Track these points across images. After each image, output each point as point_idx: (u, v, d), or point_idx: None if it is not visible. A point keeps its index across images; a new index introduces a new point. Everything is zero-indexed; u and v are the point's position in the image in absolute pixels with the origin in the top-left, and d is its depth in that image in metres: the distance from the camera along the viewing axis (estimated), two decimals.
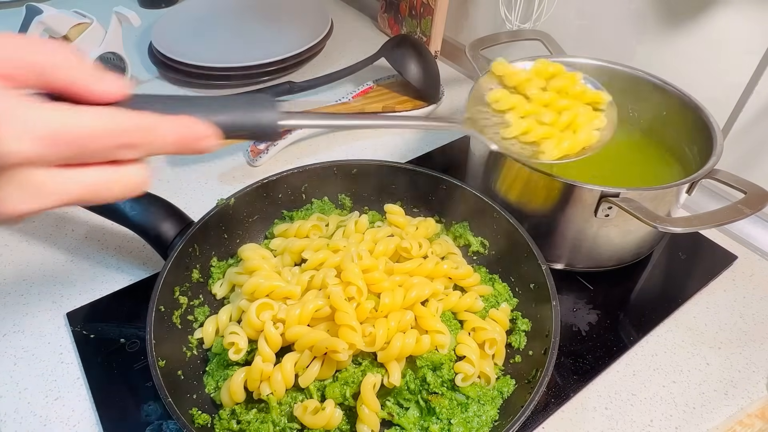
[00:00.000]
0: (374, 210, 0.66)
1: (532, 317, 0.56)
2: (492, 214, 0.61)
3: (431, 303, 0.54)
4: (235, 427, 0.48)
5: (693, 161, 0.64)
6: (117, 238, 0.68)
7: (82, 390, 0.54)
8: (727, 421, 0.54)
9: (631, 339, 0.60)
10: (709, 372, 0.58)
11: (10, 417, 0.52)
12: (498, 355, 0.54)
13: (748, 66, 0.65)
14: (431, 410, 0.49)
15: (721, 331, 0.62)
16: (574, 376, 0.56)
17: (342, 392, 0.49)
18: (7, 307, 0.61)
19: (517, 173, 0.60)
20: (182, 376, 0.51)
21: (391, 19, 1.09)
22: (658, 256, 0.69)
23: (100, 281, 0.64)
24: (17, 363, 0.56)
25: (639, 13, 0.74)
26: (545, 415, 0.53)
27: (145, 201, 0.59)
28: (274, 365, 0.49)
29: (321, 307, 0.50)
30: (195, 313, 0.56)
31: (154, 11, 1.16)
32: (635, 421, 0.54)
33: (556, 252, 0.63)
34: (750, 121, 0.68)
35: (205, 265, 0.59)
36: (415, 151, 0.85)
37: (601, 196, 0.55)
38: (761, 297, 0.65)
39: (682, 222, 0.52)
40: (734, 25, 0.65)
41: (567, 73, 0.56)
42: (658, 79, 0.68)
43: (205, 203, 0.73)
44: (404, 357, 0.50)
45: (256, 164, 0.80)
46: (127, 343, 0.57)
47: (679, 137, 0.67)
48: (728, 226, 0.72)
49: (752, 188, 0.55)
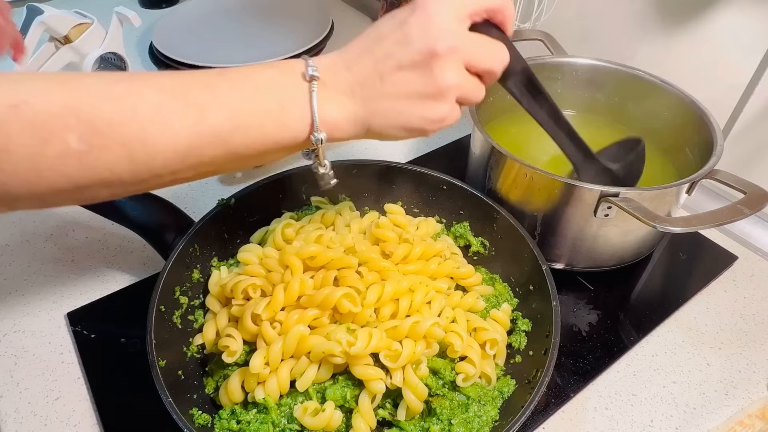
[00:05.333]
0: (374, 210, 0.66)
1: (533, 317, 0.56)
2: (492, 214, 0.61)
3: (434, 302, 0.54)
4: (235, 427, 0.48)
5: (693, 161, 0.64)
6: (117, 238, 0.68)
7: (83, 390, 0.54)
8: (728, 422, 0.53)
9: (631, 339, 0.60)
10: (709, 372, 0.58)
11: (10, 417, 0.52)
12: (499, 356, 0.54)
13: (749, 66, 0.65)
14: (432, 411, 0.49)
15: (722, 332, 0.62)
16: (575, 377, 0.56)
17: (342, 394, 0.49)
18: (7, 307, 0.61)
19: (517, 173, 0.60)
20: (182, 376, 0.51)
21: None
22: (658, 257, 0.69)
23: (100, 281, 0.64)
24: (17, 363, 0.56)
25: (640, 14, 0.74)
26: (545, 415, 0.53)
27: (145, 201, 0.59)
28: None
29: (308, 287, 0.51)
30: (195, 313, 0.56)
31: (155, 11, 1.16)
32: (635, 421, 0.54)
33: (556, 252, 0.63)
34: (750, 121, 0.68)
35: (205, 265, 0.59)
36: (415, 151, 0.85)
37: (600, 196, 0.55)
38: (762, 297, 0.65)
39: (681, 222, 0.52)
40: (735, 25, 0.65)
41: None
42: (659, 80, 0.68)
43: (205, 203, 0.74)
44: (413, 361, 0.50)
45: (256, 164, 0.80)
46: (127, 342, 0.57)
47: (680, 137, 0.67)
48: (728, 227, 0.72)
49: (752, 188, 0.55)
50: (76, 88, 0.34)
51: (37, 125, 0.32)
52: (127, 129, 0.34)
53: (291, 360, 0.50)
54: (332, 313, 0.51)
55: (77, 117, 0.33)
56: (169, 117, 0.35)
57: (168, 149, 0.36)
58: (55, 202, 0.36)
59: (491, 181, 0.64)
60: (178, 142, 0.36)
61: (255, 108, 0.38)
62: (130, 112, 0.34)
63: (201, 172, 0.39)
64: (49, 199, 0.35)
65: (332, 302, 0.49)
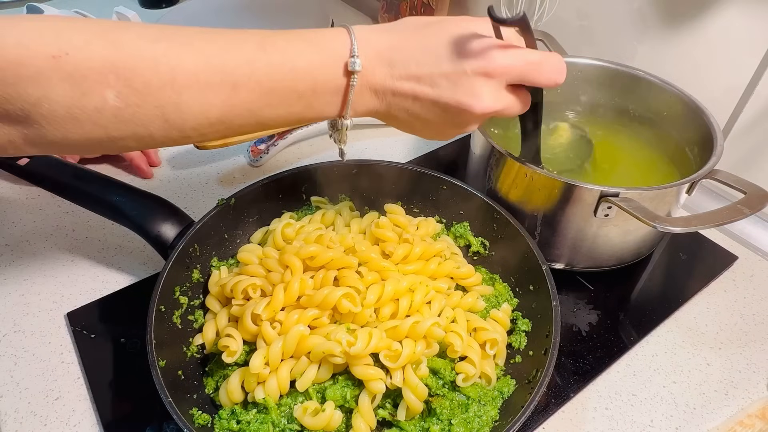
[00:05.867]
0: (374, 210, 0.66)
1: (533, 317, 0.56)
2: (492, 214, 0.61)
3: (434, 302, 0.54)
4: (235, 427, 0.48)
5: (693, 161, 0.64)
6: (117, 238, 0.68)
7: (83, 390, 0.54)
8: (728, 422, 0.53)
9: (631, 339, 0.60)
10: (709, 372, 0.58)
11: (10, 417, 0.52)
12: (499, 356, 0.54)
13: (749, 66, 0.65)
14: (432, 411, 0.49)
15: (722, 332, 0.62)
16: (575, 377, 0.56)
17: (342, 394, 0.49)
18: (7, 307, 0.61)
19: (517, 173, 0.60)
20: (182, 376, 0.51)
21: (392, 19, 1.09)
22: (658, 257, 0.69)
23: (100, 281, 0.64)
24: (17, 363, 0.56)
25: (640, 14, 0.74)
26: (545, 415, 0.53)
27: (145, 201, 0.59)
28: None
29: (308, 287, 0.51)
30: (195, 313, 0.56)
31: (155, 11, 1.16)
32: (636, 421, 0.54)
33: (556, 252, 0.63)
34: (750, 121, 0.68)
35: (205, 265, 0.59)
36: (415, 151, 0.85)
37: (600, 196, 0.55)
38: (762, 297, 0.65)
39: (681, 222, 0.52)
40: (735, 25, 0.65)
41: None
42: (659, 79, 0.68)
43: (205, 203, 0.74)
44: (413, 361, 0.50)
45: (256, 164, 0.80)
46: (127, 343, 0.57)
47: (680, 137, 0.67)
48: (728, 227, 0.72)
49: (752, 188, 0.55)
50: (116, 42, 0.34)
51: (77, 78, 0.33)
52: (163, 93, 0.35)
53: (291, 360, 0.50)
54: (332, 313, 0.51)
55: (116, 74, 0.34)
56: (205, 88, 0.36)
57: (200, 116, 0.37)
58: (87, 150, 0.38)
59: (491, 181, 0.64)
60: (210, 110, 0.37)
61: (288, 91, 0.39)
62: (169, 76, 0.35)
63: (227, 135, 0.41)
64: (81, 148, 0.37)
65: (332, 302, 0.49)
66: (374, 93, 0.41)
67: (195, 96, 0.36)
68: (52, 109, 0.34)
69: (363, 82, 0.40)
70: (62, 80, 0.33)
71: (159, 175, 0.78)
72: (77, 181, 0.60)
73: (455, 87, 0.40)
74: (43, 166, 0.62)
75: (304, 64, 0.39)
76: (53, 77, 0.33)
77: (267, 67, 0.38)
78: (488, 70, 0.40)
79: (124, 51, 0.34)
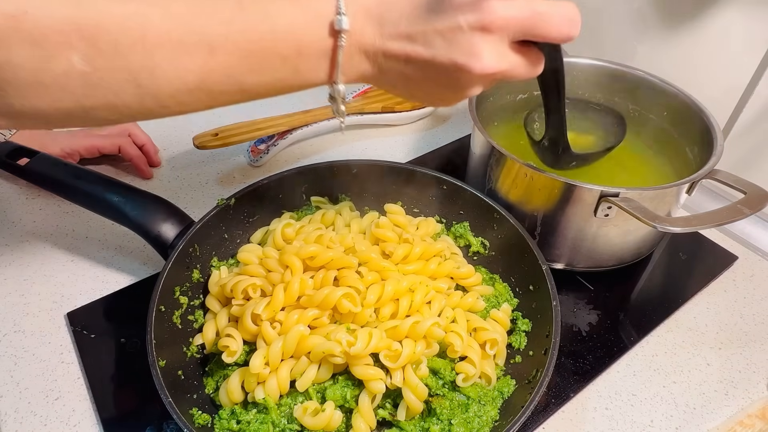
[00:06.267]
0: (374, 210, 0.66)
1: (533, 317, 0.56)
2: (492, 214, 0.61)
3: (434, 302, 0.54)
4: (235, 427, 0.48)
5: (693, 161, 0.64)
6: (117, 238, 0.68)
7: (83, 390, 0.54)
8: (728, 422, 0.53)
9: (631, 339, 0.60)
10: (709, 372, 0.58)
11: (10, 417, 0.52)
12: (499, 356, 0.54)
13: (749, 66, 0.65)
14: (432, 411, 0.49)
15: (722, 332, 0.62)
16: (575, 377, 0.56)
17: (342, 394, 0.49)
18: (7, 307, 0.61)
19: (517, 173, 0.60)
20: (182, 376, 0.51)
21: None
22: (658, 257, 0.69)
23: (100, 281, 0.64)
24: (17, 363, 0.56)
25: (640, 14, 0.74)
26: (545, 415, 0.53)
27: (145, 201, 0.59)
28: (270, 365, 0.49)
29: (308, 287, 0.51)
30: (195, 313, 0.56)
31: None
32: (636, 421, 0.54)
33: (556, 252, 0.63)
34: (750, 121, 0.68)
35: (205, 265, 0.59)
36: (415, 151, 0.85)
37: (600, 196, 0.55)
38: (762, 297, 0.65)
39: (681, 222, 0.52)
40: (735, 25, 0.65)
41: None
42: (659, 79, 0.68)
43: (205, 203, 0.74)
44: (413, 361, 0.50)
45: (256, 164, 0.80)
46: (127, 343, 0.57)
47: (680, 137, 0.67)
48: (728, 227, 0.72)
49: (752, 188, 0.55)
50: (80, 1, 0.32)
51: (39, 39, 0.31)
52: (133, 54, 0.33)
53: (291, 360, 0.50)
54: (332, 313, 0.51)
55: (80, 33, 0.32)
56: (179, 49, 0.34)
57: (176, 81, 0.34)
58: (61, 122, 0.35)
59: (491, 181, 0.64)
60: (187, 76, 0.34)
61: (270, 53, 0.36)
62: (138, 34, 0.33)
63: (210, 105, 0.38)
64: (53, 119, 0.34)
65: (332, 302, 0.49)
66: (365, 55, 0.37)
67: (168, 58, 0.33)
68: (16, 74, 0.31)
69: (352, 42, 0.37)
70: (23, 41, 0.31)
71: (159, 175, 0.78)
72: (77, 181, 0.60)
73: (450, 45, 0.36)
74: (43, 166, 0.62)
75: (285, 23, 0.35)
76: (13, 38, 0.30)
77: (244, 26, 0.35)
78: (486, 23, 0.35)
79: (89, 9, 0.32)
